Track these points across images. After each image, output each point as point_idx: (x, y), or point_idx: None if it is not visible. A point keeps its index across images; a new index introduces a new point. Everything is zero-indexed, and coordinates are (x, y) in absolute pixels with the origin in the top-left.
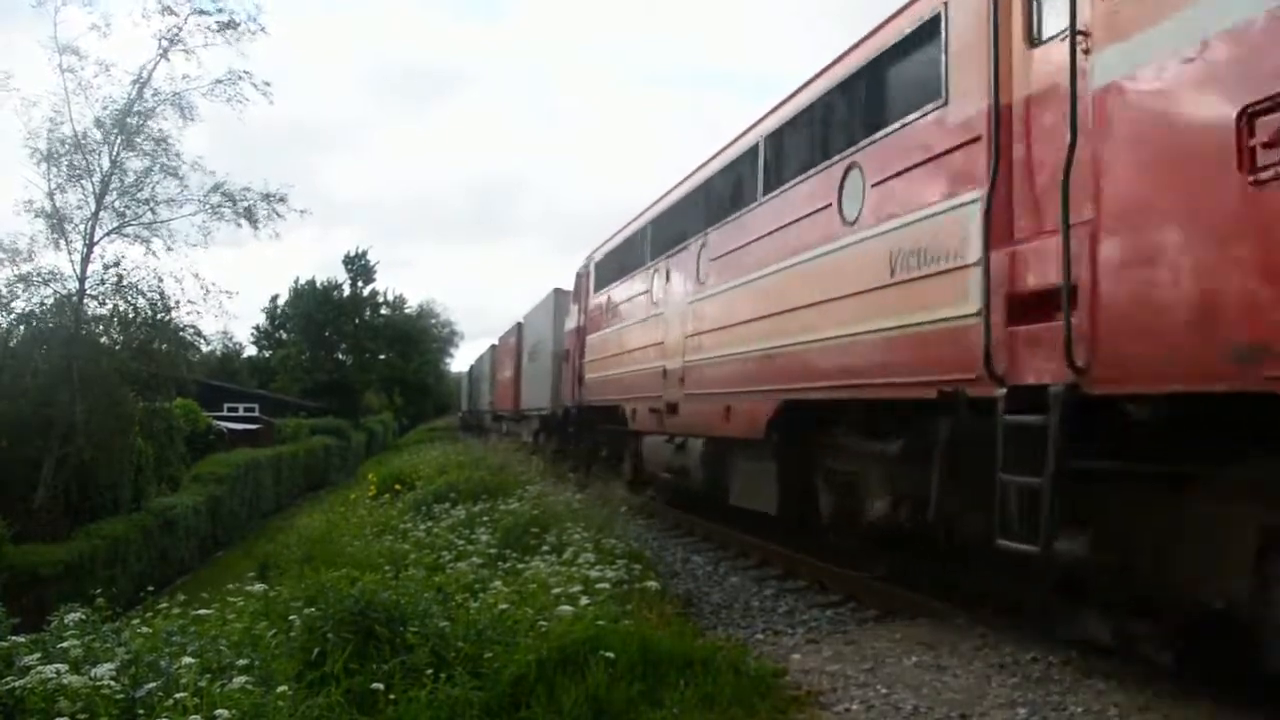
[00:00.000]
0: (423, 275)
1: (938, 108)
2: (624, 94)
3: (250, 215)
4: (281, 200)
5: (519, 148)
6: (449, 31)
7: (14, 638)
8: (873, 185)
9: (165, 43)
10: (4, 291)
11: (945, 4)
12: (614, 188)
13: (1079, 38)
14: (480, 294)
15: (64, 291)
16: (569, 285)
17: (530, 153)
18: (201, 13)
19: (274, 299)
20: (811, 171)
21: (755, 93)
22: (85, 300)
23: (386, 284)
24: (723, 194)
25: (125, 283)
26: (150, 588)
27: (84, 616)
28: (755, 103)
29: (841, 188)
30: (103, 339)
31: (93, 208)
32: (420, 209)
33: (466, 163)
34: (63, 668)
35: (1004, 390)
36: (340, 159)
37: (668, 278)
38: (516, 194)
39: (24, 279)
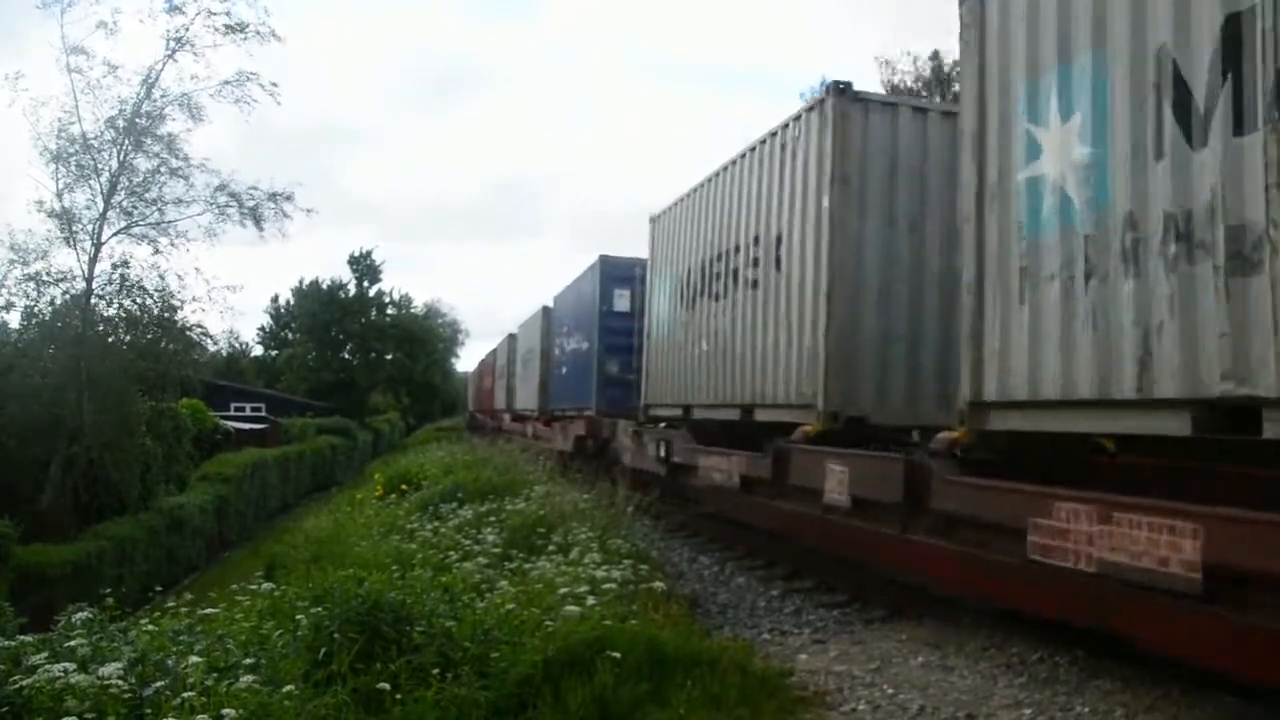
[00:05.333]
0: (435, 274)
1: None
2: (642, 94)
3: (256, 216)
4: (288, 199)
5: (534, 148)
6: (470, 31)
7: (21, 637)
8: None
9: (173, 44)
10: (13, 290)
11: None
12: (628, 189)
13: None
14: (490, 294)
15: (73, 291)
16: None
17: (545, 154)
18: (210, 13)
19: (275, 299)
20: None
21: (774, 91)
22: (93, 300)
23: (398, 283)
24: None
25: (132, 282)
26: (158, 587)
27: (91, 616)
28: (774, 101)
29: None
30: (110, 339)
31: (100, 208)
32: (436, 208)
33: (483, 162)
34: (70, 667)
35: None
36: (362, 158)
37: None
38: (530, 194)
39: (33, 278)
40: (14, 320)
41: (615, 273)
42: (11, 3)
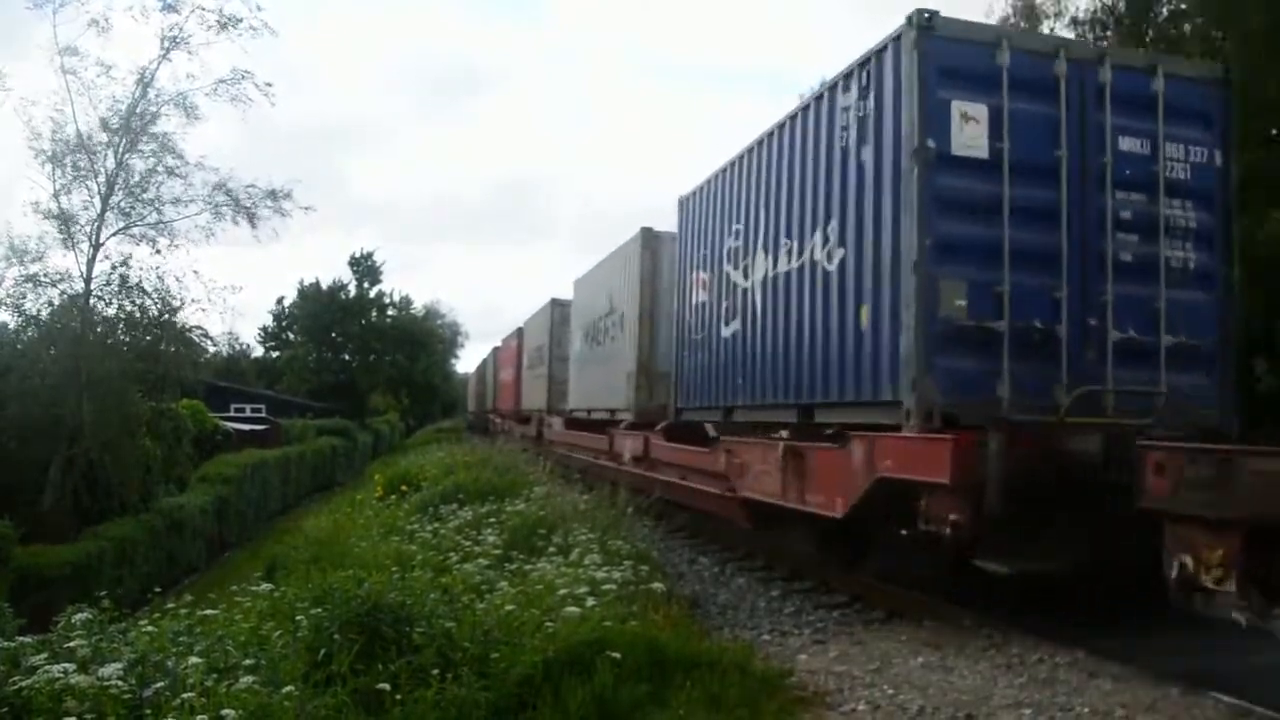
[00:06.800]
0: (434, 275)
1: None
2: (642, 94)
3: (250, 215)
4: (287, 197)
5: (534, 149)
6: (470, 32)
7: (21, 638)
8: None
9: (168, 43)
10: (12, 292)
11: None
12: (628, 189)
13: None
14: (490, 295)
15: (71, 292)
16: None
17: (545, 154)
18: (203, 10)
19: (280, 300)
20: None
21: (774, 91)
22: (92, 301)
23: (398, 284)
24: None
25: (131, 283)
26: (158, 589)
27: (91, 617)
28: (774, 101)
29: None
30: (110, 340)
31: (98, 209)
32: (435, 209)
33: (483, 163)
34: (70, 667)
35: None
36: (365, 159)
37: None
38: (530, 195)
39: (31, 279)
40: (10, 321)
41: (954, 59)
42: (11, 3)
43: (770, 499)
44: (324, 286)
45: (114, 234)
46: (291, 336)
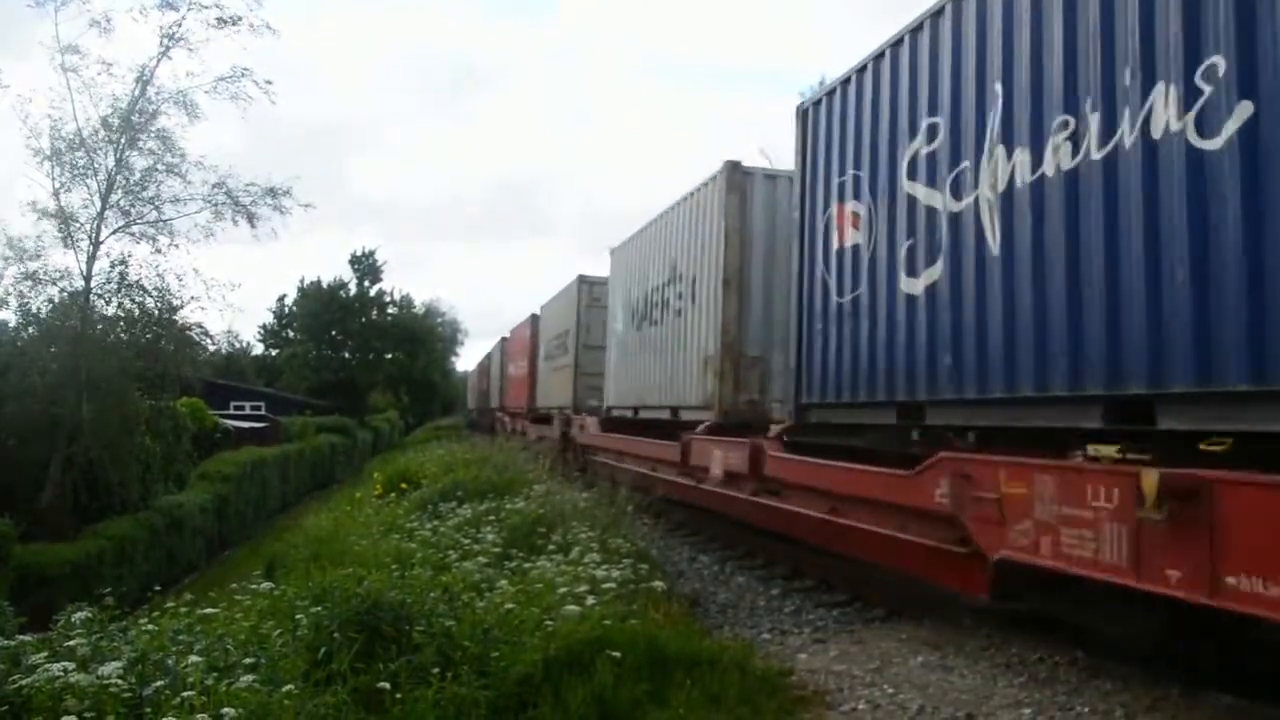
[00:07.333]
0: (434, 273)
1: None
2: (642, 93)
3: (250, 215)
4: (286, 194)
5: (534, 147)
6: (471, 31)
7: (21, 637)
8: None
9: (167, 40)
10: (12, 290)
11: None
12: (628, 188)
13: None
14: (490, 293)
15: (71, 290)
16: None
17: (545, 153)
18: (201, 7)
19: (281, 298)
20: None
21: (774, 91)
22: (92, 299)
23: (398, 282)
24: None
25: (130, 281)
26: (157, 587)
27: (91, 615)
28: (774, 101)
29: None
30: (109, 338)
31: (98, 207)
32: (436, 208)
33: (483, 161)
34: (70, 666)
35: None
36: (368, 159)
37: None
38: (531, 193)
39: (31, 277)
40: (10, 319)
41: None
42: (12, 2)
43: (1095, 573)
44: (325, 285)
45: (114, 232)
46: (292, 334)
